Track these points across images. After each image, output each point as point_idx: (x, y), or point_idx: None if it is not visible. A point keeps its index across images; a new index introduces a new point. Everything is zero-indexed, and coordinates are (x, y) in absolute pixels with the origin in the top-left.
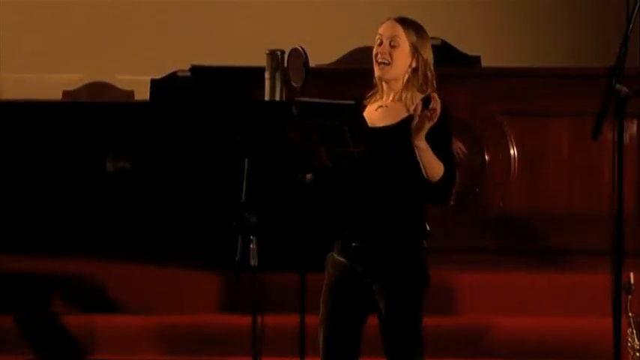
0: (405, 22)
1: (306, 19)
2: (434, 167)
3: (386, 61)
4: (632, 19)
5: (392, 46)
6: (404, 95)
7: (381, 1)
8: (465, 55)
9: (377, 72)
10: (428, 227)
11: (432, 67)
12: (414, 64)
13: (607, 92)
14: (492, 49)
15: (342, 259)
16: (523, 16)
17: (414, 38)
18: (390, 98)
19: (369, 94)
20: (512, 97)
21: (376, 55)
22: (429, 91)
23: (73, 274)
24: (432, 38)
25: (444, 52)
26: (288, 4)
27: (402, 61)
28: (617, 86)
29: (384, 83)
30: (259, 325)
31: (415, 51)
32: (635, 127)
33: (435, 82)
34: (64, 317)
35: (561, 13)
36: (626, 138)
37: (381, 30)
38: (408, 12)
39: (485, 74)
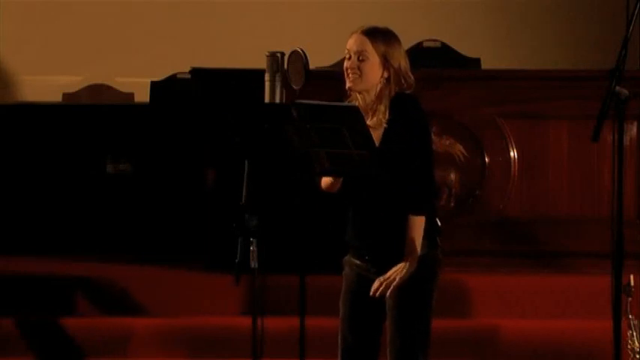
0: (372, 34)
1: (306, 21)
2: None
3: (356, 75)
4: (633, 22)
5: (360, 60)
6: (377, 106)
7: (382, 4)
8: (464, 58)
9: (347, 83)
10: (439, 224)
11: (407, 72)
12: (385, 75)
13: (607, 94)
14: (492, 51)
15: (356, 260)
16: (523, 18)
17: (382, 49)
18: (370, 116)
19: (347, 100)
20: (512, 99)
21: (346, 69)
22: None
23: (74, 276)
24: (431, 40)
25: (444, 55)
26: (288, 6)
27: (373, 73)
28: (617, 88)
29: (357, 94)
30: (259, 327)
31: (385, 61)
32: (635, 129)
33: (413, 85)
34: (65, 320)
35: (561, 16)
36: (626, 140)
37: (348, 45)
38: (408, 14)
39: (485, 76)
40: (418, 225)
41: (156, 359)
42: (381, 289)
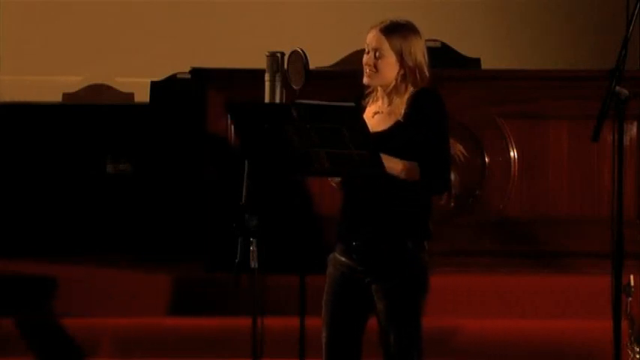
0: (390, 31)
1: (306, 21)
2: (406, 169)
3: (372, 72)
4: (633, 22)
5: (377, 58)
6: (394, 99)
7: (381, 4)
8: (464, 57)
9: (364, 79)
10: (430, 228)
11: (423, 67)
12: (401, 72)
13: (607, 94)
14: (492, 51)
15: (343, 258)
16: (523, 18)
17: (399, 46)
18: (387, 103)
19: (367, 92)
20: (512, 99)
21: (364, 63)
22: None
23: (74, 276)
24: (431, 40)
25: (444, 55)
26: (288, 6)
27: (389, 70)
28: (617, 88)
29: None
30: (259, 328)
31: (402, 59)
32: (635, 129)
33: (428, 78)
34: (65, 320)
35: (561, 16)
36: (626, 140)
37: (367, 39)
38: (409, 14)
39: (485, 76)
40: (408, 168)
41: (156, 359)
42: None
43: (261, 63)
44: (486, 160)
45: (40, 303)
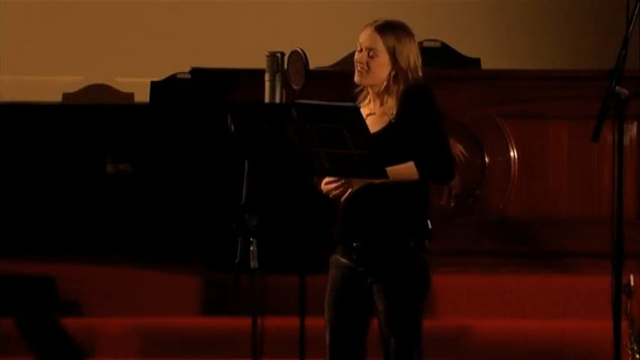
0: (385, 30)
1: (306, 21)
2: (402, 175)
3: (363, 70)
4: (633, 22)
5: (370, 57)
6: (386, 97)
7: (381, 3)
8: (464, 58)
9: (355, 77)
10: (430, 227)
11: (416, 69)
12: (393, 72)
13: (607, 94)
14: (492, 51)
15: (344, 260)
16: (523, 18)
17: (393, 47)
18: (378, 104)
19: (357, 90)
20: (512, 99)
21: (356, 62)
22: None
23: (74, 276)
24: (431, 40)
25: (444, 55)
26: (288, 6)
27: (380, 70)
28: (617, 88)
29: (368, 87)
30: (259, 328)
31: (394, 60)
32: (635, 129)
33: (421, 79)
34: (65, 320)
35: (561, 16)
36: (626, 140)
37: (361, 37)
38: (409, 14)
39: (485, 76)
40: (409, 170)
41: (155, 359)
42: (335, 190)
43: (261, 63)
44: (486, 160)
45: (40, 303)
